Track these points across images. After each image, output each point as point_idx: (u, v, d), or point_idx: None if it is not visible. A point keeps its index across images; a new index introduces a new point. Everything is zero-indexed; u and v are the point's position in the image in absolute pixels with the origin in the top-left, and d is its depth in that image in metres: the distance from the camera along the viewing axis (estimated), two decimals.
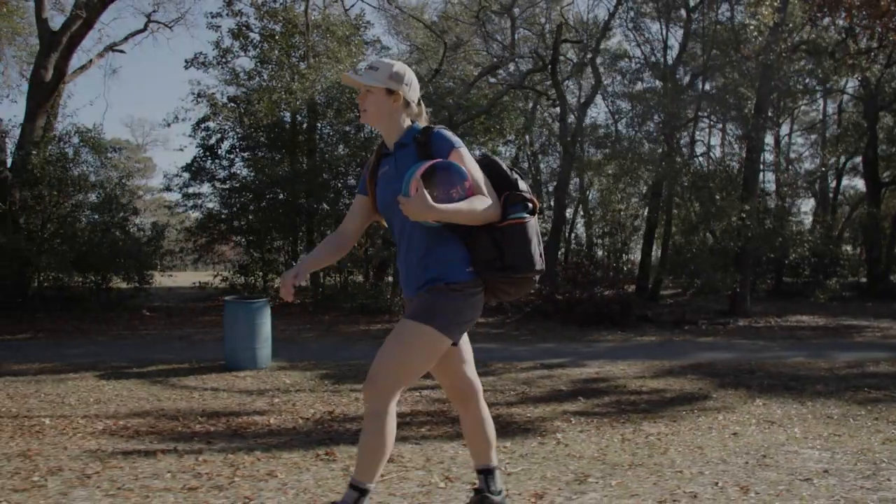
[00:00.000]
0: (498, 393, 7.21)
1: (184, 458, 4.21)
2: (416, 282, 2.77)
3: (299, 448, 4.60)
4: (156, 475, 3.79)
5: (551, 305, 14.71)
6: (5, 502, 3.25)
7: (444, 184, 2.62)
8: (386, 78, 2.75)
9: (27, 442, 4.72)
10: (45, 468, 3.90)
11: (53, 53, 13.89)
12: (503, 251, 2.67)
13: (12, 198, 13.30)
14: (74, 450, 4.48)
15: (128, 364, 8.74)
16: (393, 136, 2.83)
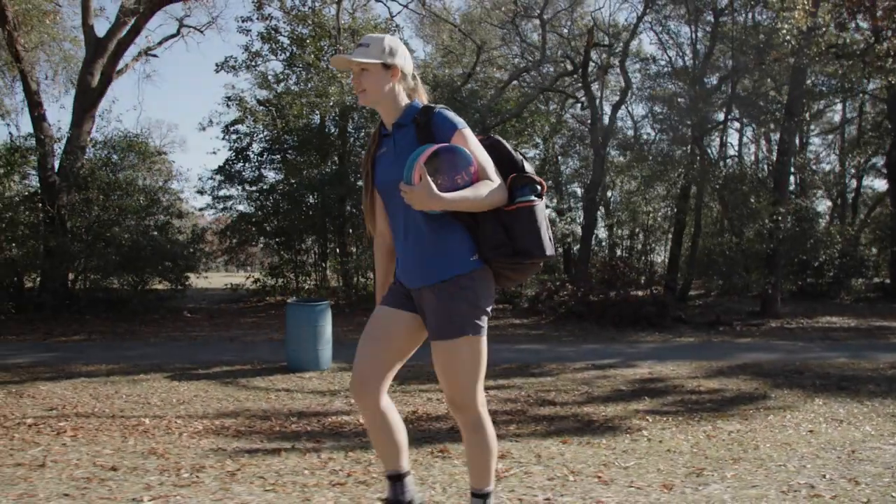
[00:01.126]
0: (563, 393, 7.40)
1: (307, 456, 4.42)
2: (416, 273, 2.64)
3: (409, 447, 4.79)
4: (295, 472, 3.99)
5: (585, 307, 14.87)
6: (177, 496, 3.45)
7: (449, 170, 2.47)
8: (380, 52, 2.61)
9: (144, 442, 4.93)
10: (187, 465, 4.09)
11: (99, 59, 14.15)
12: (512, 236, 2.55)
13: (60, 202, 13.56)
14: (196, 448, 4.69)
15: (191, 366, 8.96)
16: (392, 116, 2.69)
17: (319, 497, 3.48)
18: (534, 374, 8.63)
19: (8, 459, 4.22)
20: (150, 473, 3.88)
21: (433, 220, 2.59)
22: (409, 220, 2.64)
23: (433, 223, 2.59)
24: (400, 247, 2.72)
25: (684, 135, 17.01)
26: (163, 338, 11.93)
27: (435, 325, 2.63)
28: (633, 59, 20.52)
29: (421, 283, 2.63)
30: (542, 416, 6.17)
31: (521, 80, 19.55)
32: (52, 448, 4.59)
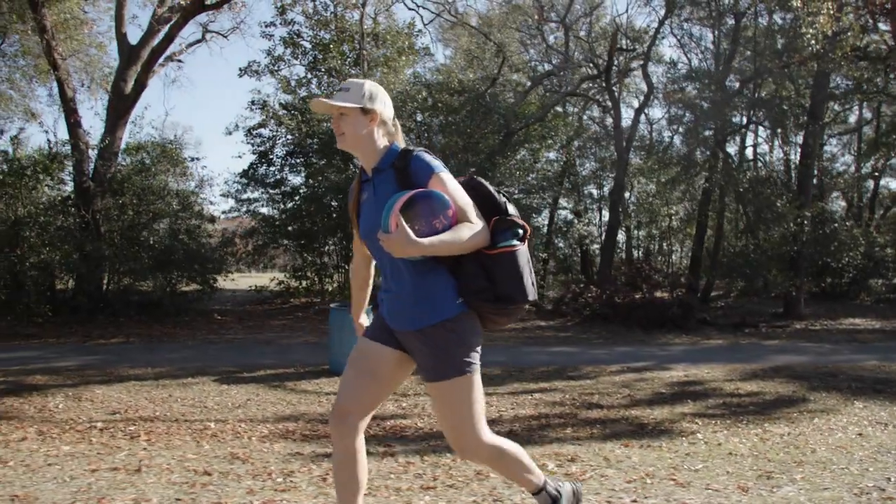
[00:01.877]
0: (605, 396, 7.55)
1: (386, 461, 4.58)
2: (402, 317, 2.64)
3: None
4: (382, 476, 4.15)
5: (611, 309, 15.00)
6: (283, 500, 3.61)
7: (426, 214, 2.47)
8: (359, 97, 2.62)
9: (219, 446, 5.11)
10: (276, 470, 4.26)
11: (132, 67, 14.36)
12: (494, 281, 2.54)
13: (94, 206, 13.77)
14: (273, 452, 4.86)
15: (235, 369, 9.13)
16: (371, 161, 2.69)
17: (418, 500, 3.63)
18: (572, 377, 8.77)
19: (101, 464, 4.39)
20: (244, 478, 4.04)
21: (417, 266, 2.57)
22: (394, 267, 2.63)
23: (417, 268, 2.58)
24: (386, 291, 2.72)
25: (706, 138, 17.12)
26: (199, 340, 12.11)
27: (427, 367, 2.63)
28: (654, 62, 20.66)
29: (407, 328, 2.63)
30: (592, 419, 6.32)
31: (543, 84, 19.67)
32: (137, 452, 4.77)
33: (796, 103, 16.73)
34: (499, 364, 9.76)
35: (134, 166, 14.37)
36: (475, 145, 16.63)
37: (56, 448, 4.91)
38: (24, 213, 13.50)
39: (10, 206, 13.43)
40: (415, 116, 16.99)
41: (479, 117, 16.01)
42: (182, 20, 14.43)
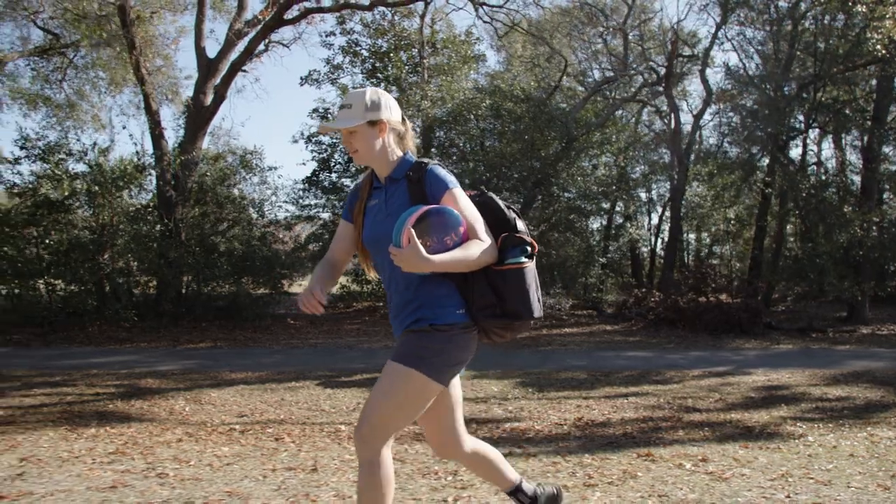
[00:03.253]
0: (698, 400, 7.78)
1: (531, 461, 4.88)
2: (404, 318, 2.65)
3: (602, 450, 5.25)
4: (540, 474, 4.47)
5: (676, 313, 15.15)
6: (469, 497, 3.93)
7: (438, 231, 2.47)
8: (363, 111, 2.61)
9: None
10: (440, 469, 4.58)
11: (211, 79, 14.90)
12: (501, 297, 2.56)
13: (176, 214, 14.32)
14: (416, 453, 5.21)
15: (332, 373, 9.53)
16: (385, 170, 2.69)
17: (590, 495, 3.93)
18: (657, 382, 9.01)
19: (274, 463, 4.76)
20: (415, 477, 4.37)
21: (423, 278, 2.59)
22: (397, 274, 2.61)
23: (422, 280, 2.59)
24: (391, 301, 2.71)
25: (765, 142, 17.20)
26: (283, 345, 12.55)
27: (397, 349, 2.61)
28: (711, 67, 20.77)
29: (402, 328, 2.64)
30: (697, 421, 6.56)
31: (602, 90, 19.88)
32: (297, 453, 5.14)
33: (858, 107, 16.75)
34: (581, 368, 10.03)
35: (214, 175, 14.90)
36: (536, 152, 16.91)
37: (216, 448, 5.31)
38: (109, 221, 14.09)
39: (98, 214, 14.01)
40: (477, 123, 17.30)
41: (543, 124, 16.29)
42: (262, 34, 14.95)
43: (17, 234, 13.84)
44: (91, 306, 13.51)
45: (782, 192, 17.37)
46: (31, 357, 10.97)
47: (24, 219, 13.82)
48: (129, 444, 5.41)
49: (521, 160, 17.10)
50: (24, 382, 8.69)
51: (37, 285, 13.85)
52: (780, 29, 17.60)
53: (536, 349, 12.21)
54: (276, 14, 14.93)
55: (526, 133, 16.70)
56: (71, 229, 13.73)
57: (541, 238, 17.20)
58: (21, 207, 14.00)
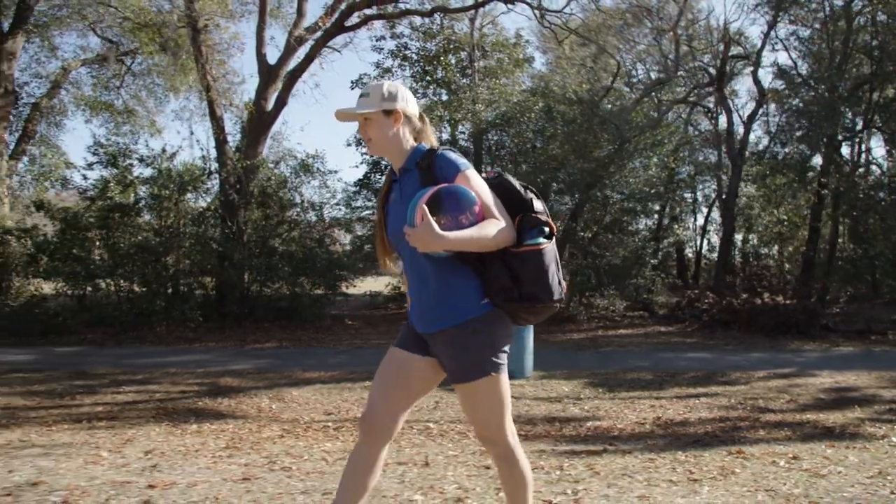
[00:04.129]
0: (769, 401, 7.87)
1: (627, 458, 5.05)
2: (430, 319, 2.64)
3: (692, 448, 5.41)
4: (642, 470, 4.66)
5: (731, 314, 15.16)
6: (591, 492, 4.14)
7: (452, 210, 2.45)
8: (379, 100, 2.64)
9: (456, 443, 5.70)
10: (547, 465, 4.80)
11: (271, 86, 15.28)
12: (518, 280, 2.53)
13: (238, 217, 14.70)
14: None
15: None
16: (399, 161, 2.71)
17: (701, 489, 4.10)
18: (724, 383, 9.10)
19: (393, 457, 4.99)
20: (535, 471, 4.55)
21: (441, 265, 2.58)
22: (420, 267, 2.62)
23: (442, 268, 2.58)
24: (412, 293, 2.72)
25: (820, 143, 17.14)
26: (346, 345, 12.82)
27: (454, 369, 2.63)
28: (763, 67, 20.74)
29: (434, 329, 2.63)
30: (774, 422, 6.68)
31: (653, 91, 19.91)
32: (402, 450, 5.38)
33: None
34: (645, 369, 10.16)
35: (276, 179, 15.27)
36: (589, 154, 17.02)
37: (319, 444, 5.56)
38: (174, 224, 14.52)
39: (163, 217, 14.45)
40: (529, 126, 17.47)
41: (597, 126, 16.41)
42: (322, 41, 15.29)
43: (86, 236, 14.34)
44: (159, 307, 13.93)
45: (837, 193, 17.29)
46: (107, 356, 11.35)
47: (93, 222, 14.32)
48: (236, 439, 5.68)
49: (573, 162, 17.23)
50: (111, 380, 9.04)
51: (108, 286, 14.32)
52: (834, 28, 17.51)
53: (596, 350, 12.35)
54: (337, 21, 15.25)
55: (578, 135, 16.82)
56: (138, 232, 14.16)
57: (593, 240, 17.33)
58: (91, 211, 14.51)
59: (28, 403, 7.49)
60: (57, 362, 10.60)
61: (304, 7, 15.81)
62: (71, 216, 14.43)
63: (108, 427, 6.21)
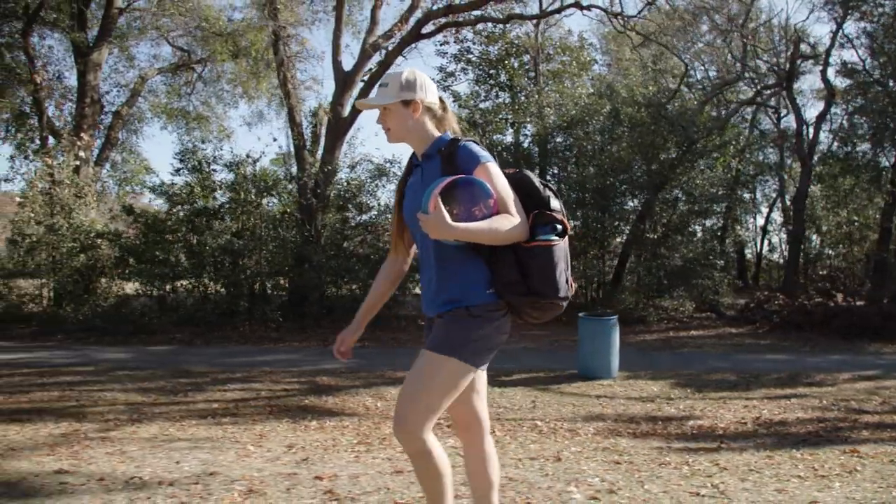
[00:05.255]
0: (862, 402, 7.97)
1: (744, 455, 5.26)
2: (436, 301, 2.69)
3: (804, 447, 5.58)
4: (766, 467, 4.86)
5: (804, 316, 15.12)
6: (726, 484, 4.37)
7: (467, 201, 2.51)
8: (398, 91, 2.68)
9: (579, 442, 5.95)
10: (674, 461, 5.02)
11: (347, 92, 15.70)
12: (527, 275, 2.55)
13: (316, 221, 15.14)
14: (631, 448, 5.65)
15: (493, 372, 9.90)
16: (420, 148, 2.74)
17: (833, 484, 4.29)
18: (810, 384, 9.19)
19: (522, 453, 5.28)
20: (664, 467, 4.81)
21: (453, 253, 2.61)
22: (431, 252, 2.66)
23: (452, 255, 2.61)
24: (422, 276, 2.76)
25: (890, 142, 16.99)
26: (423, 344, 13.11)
27: (431, 337, 2.66)
28: (831, 66, 20.52)
29: (436, 311, 2.68)
30: (874, 423, 6.79)
31: (721, 92, 19.93)
32: (529, 445, 5.65)
33: None
34: (726, 370, 10.28)
35: (353, 184, 15.67)
36: (655, 155, 17.12)
37: (441, 440, 5.84)
38: (254, 227, 15.00)
39: (244, 220, 14.94)
40: (596, 128, 17.61)
41: (666, 129, 16.50)
42: (398, 48, 15.67)
43: (167, 238, 14.93)
44: (243, 308, 14.42)
45: None
46: (199, 355, 11.81)
47: (177, 225, 14.89)
48: (362, 436, 6.00)
49: (640, 164, 17.34)
50: (213, 379, 9.46)
51: (193, 287, 14.88)
52: None
53: (672, 351, 12.48)
54: (414, 29, 15.60)
55: (645, 137, 16.93)
56: (221, 235, 14.66)
57: (661, 242, 17.39)
58: (173, 214, 15.11)
59: (146, 400, 7.92)
60: (154, 361, 11.09)
61: (377, 15, 16.21)
62: (151, 219, 15.08)
63: (232, 423, 6.58)
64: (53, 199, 14.97)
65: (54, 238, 14.64)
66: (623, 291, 17.25)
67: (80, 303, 14.80)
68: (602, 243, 18.02)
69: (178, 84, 22.37)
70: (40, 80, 16.91)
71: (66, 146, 15.58)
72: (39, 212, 14.84)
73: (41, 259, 15.08)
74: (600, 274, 18.12)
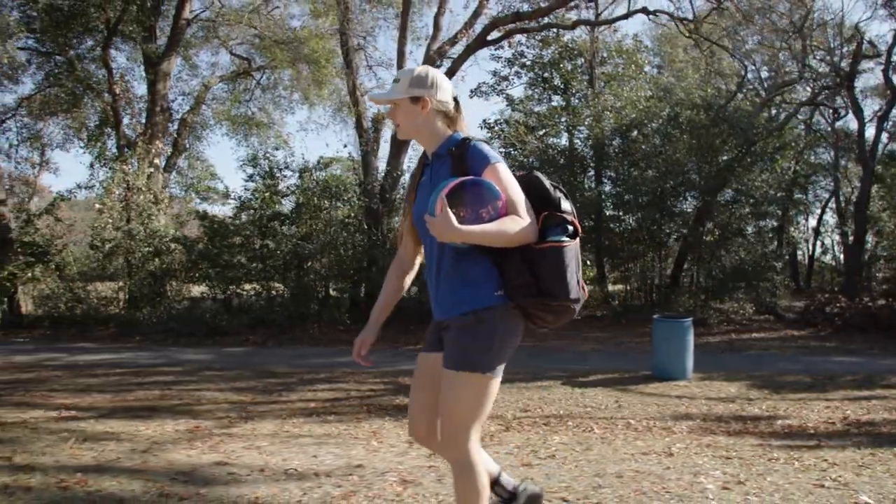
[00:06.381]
0: None
1: (846, 452, 5.44)
2: (444, 305, 2.69)
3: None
4: (854, 462, 5.05)
5: (869, 318, 15.09)
6: (843, 480, 4.57)
7: (474, 203, 2.49)
8: (407, 87, 2.68)
9: (675, 441, 6.18)
10: (780, 456, 5.24)
11: None
12: (537, 276, 2.53)
13: (382, 224, 15.52)
14: (730, 446, 5.87)
15: (567, 374, 10.23)
16: (431, 146, 2.75)
17: None
18: (889, 386, 9.26)
19: (619, 451, 5.53)
20: (774, 462, 5.02)
21: (461, 254, 2.60)
22: (439, 253, 2.66)
23: (461, 256, 2.61)
24: (431, 280, 2.76)
25: None
26: None
27: (450, 353, 2.64)
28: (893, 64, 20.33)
29: (446, 315, 2.68)
30: None
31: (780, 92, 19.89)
32: (634, 442, 5.89)
33: None
34: (799, 372, 10.38)
35: None
36: (714, 157, 17.22)
37: (546, 437, 6.12)
38: (323, 231, 15.42)
39: (313, 224, 15.37)
40: (654, 130, 17.76)
41: (726, 132, 16.61)
42: (465, 54, 15.99)
43: (237, 242, 15.42)
44: (313, 310, 14.84)
45: None
46: (275, 356, 12.22)
47: (247, 229, 15.38)
48: None
49: (699, 166, 17.45)
50: (299, 379, 9.82)
51: (264, 289, 15.34)
52: None
53: (738, 353, 12.60)
54: (480, 35, 15.90)
55: (703, 139, 17.04)
56: (289, 239, 15.09)
57: (719, 243, 17.48)
58: (239, 219, 15.61)
59: (244, 399, 8.28)
60: (235, 362, 11.52)
61: (440, 22, 16.55)
62: (218, 224, 15.60)
63: (338, 421, 6.88)
64: (129, 205, 15.54)
65: (132, 243, 15.21)
66: (681, 293, 17.37)
67: (154, 305, 15.34)
68: (659, 245, 18.16)
69: (238, 91, 22.96)
70: (119, 91, 17.56)
71: (141, 154, 16.16)
72: (117, 217, 15.42)
73: (118, 263, 15.68)
74: (658, 276, 18.26)
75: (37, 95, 20.51)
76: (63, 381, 9.47)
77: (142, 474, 4.29)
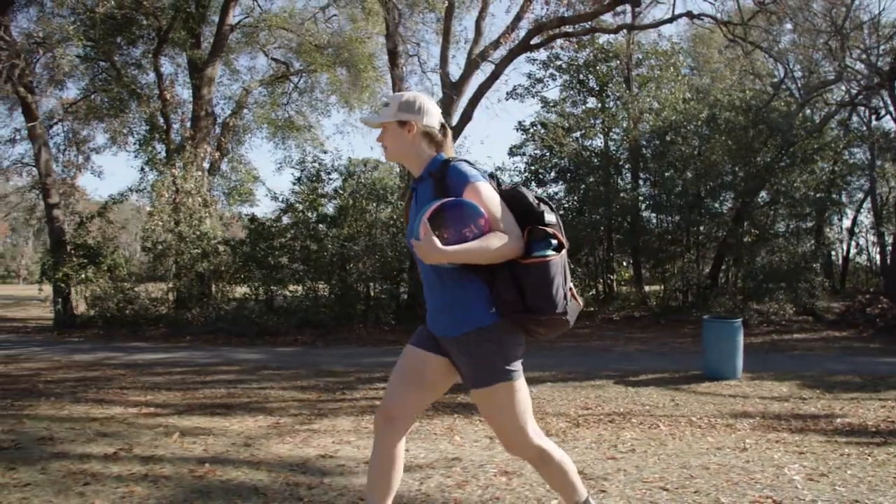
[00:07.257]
0: None
1: None
2: (441, 325, 2.75)
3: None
4: None
5: None
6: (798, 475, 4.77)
7: (457, 223, 2.54)
8: (395, 111, 2.76)
9: (742, 438, 6.37)
10: (851, 452, 5.43)
11: (454, 101, 16.31)
12: (524, 292, 2.56)
13: None
14: (804, 443, 6.04)
15: (618, 373, 10.40)
16: (416, 169, 2.82)
17: None
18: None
19: (695, 446, 5.73)
20: (847, 457, 5.20)
21: (452, 275, 2.66)
22: (431, 275, 2.73)
23: (452, 277, 2.67)
24: (426, 297, 2.83)
25: None
26: (542, 347, 13.54)
27: (468, 375, 2.72)
28: None
29: (445, 335, 2.73)
30: None
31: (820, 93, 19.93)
32: (702, 438, 6.10)
33: None
34: (847, 372, 10.45)
35: None
36: (752, 158, 17.31)
37: (617, 433, 6.33)
38: (367, 232, 15.72)
39: (358, 226, 15.68)
40: (693, 133, 17.89)
41: (765, 133, 16.71)
42: (508, 58, 16.23)
43: (280, 244, 15.76)
44: (359, 310, 15.14)
45: None
46: (327, 355, 12.50)
47: (289, 230, 15.72)
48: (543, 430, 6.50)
49: (738, 168, 17.55)
50: (357, 378, 10.07)
51: (310, 289, 15.66)
52: None
53: (782, 354, 12.69)
54: (524, 40, 16.12)
55: (743, 141, 17.14)
56: (335, 240, 15.40)
57: (757, 244, 17.56)
58: (282, 221, 15.97)
59: (310, 397, 8.56)
60: (290, 361, 11.81)
61: (481, 26, 16.79)
62: (261, 226, 15.95)
63: None
64: (178, 207, 15.93)
65: (181, 245, 15.59)
66: (720, 294, 17.47)
67: (202, 306, 15.71)
68: (697, 246, 18.28)
69: (276, 94, 23.34)
70: (169, 97, 18.00)
71: (189, 158, 16.54)
72: (167, 220, 15.81)
73: (168, 264, 16.07)
74: (697, 277, 18.36)
75: (82, 101, 21.03)
76: (129, 380, 9.81)
77: (260, 465, 4.54)
